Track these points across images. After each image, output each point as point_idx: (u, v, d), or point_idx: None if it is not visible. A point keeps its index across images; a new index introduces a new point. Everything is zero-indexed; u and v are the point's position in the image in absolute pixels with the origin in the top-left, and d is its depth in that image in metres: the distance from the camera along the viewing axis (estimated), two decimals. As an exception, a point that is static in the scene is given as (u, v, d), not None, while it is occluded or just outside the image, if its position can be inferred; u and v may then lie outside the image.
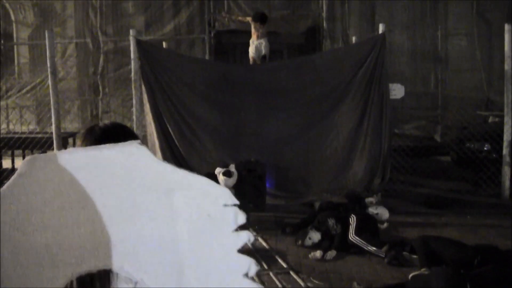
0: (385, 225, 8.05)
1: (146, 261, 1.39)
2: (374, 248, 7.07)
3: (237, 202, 1.39)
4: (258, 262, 6.72)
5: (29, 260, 1.31)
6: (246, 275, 1.41)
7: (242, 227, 1.45)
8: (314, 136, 9.67)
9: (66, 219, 1.34)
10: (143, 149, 1.38)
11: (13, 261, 1.30)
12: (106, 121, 2.55)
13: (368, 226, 7.47)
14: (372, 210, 8.06)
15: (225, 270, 1.41)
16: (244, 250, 1.36)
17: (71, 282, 1.40)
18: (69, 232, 1.34)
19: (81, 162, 1.35)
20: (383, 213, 8.06)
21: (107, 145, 1.41)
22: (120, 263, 1.38)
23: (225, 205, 1.37)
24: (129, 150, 1.39)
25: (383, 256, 6.90)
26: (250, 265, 1.41)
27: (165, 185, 1.39)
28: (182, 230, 1.39)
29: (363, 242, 7.18)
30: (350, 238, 7.28)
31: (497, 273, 5.51)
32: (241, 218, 1.39)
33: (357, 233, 7.28)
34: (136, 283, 1.41)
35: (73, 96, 15.19)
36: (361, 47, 10.06)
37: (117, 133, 2.03)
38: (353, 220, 7.42)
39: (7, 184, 1.32)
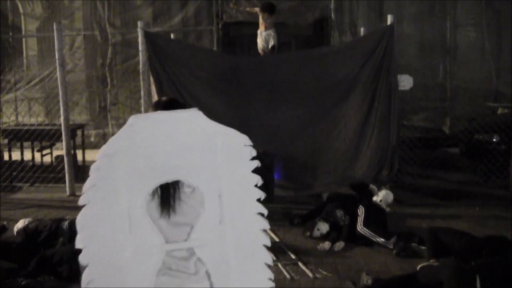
0: (388, 209, 7.96)
1: (199, 173, 2.77)
2: (382, 240, 7.07)
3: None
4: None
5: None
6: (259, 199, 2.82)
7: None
8: (322, 128, 9.65)
9: (157, 149, 2.72)
10: (196, 112, 2.83)
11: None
12: (164, 98, 3.27)
13: (376, 218, 7.47)
14: (375, 198, 7.97)
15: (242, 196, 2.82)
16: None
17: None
18: (160, 158, 2.72)
19: (160, 118, 2.78)
20: (386, 197, 7.95)
21: (173, 110, 2.88)
22: (185, 177, 2.77)
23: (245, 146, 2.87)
24: (188, 114, 2.85)
25: (392, 247, 6.90)
26: (258, 180, 2.82)
27: (209, 135, 2.79)
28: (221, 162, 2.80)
29: (371, 233, 7.19)
30: (358, 229, 7.28)
31: (506, 264, 5.50)
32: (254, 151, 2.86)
33: (365, 224, 7.28)
34: (194, 188, 2.79)
35: (81, 88, 15.19)
36: (369, 38, 10.01)
37: (175, 104, 3.12)
38: (361, 211, 7.42)
39: (122, 129, 2.71)
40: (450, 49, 15.13)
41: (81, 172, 11.08)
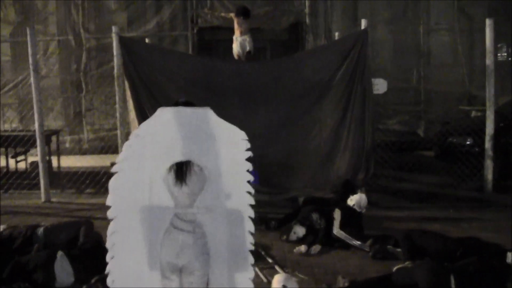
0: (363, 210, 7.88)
1: (206, 156, 3.69)
2: (358, 242, 7.11)
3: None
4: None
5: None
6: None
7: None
8: (297, 132, 9.67)
9: (176, 135, 3.70)
10: (208, 110, 3.77)
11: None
12: (182, 99, 3.99)
13: (352, 221, 7.50)
14: (349, 202, 7.93)
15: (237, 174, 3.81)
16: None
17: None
18: (177, 142, 3.70)
19: (180, 111, 3.75)
20: (359, 201, 7.91)
21: (191, 107, 3.80)
22: (195, 158, 3.70)
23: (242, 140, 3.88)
24: (201, 110, 3.78)
25: (368, 250, 6.95)
26: (249, 166, 3.91)
27: (216, 127, 3.79)
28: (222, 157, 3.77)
29: (347, 236, 7.23)
30: (334, 232, 7.31)
31: (479, 265, 5.58)
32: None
33: (341, 227, 7.32)
34: (201, 167, 3.72)
35: (56, 94, 15.09)
36: (343, 42, 10.05)
37: (191, 104, 3.90)
38: (337, 214, 7.46)
39: (152, 117, 3.74)
40: (424, 53, 15.29)
41: (56, 178, 11.02)
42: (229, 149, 3.78)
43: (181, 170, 3.74)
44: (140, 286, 3.69)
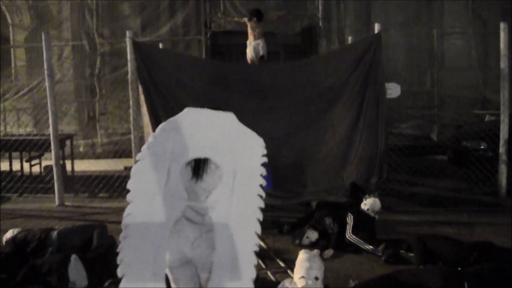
0: (376, 217, 7.84)
1: (223, 156, 3.91)
2: (371, 247, 7.09)
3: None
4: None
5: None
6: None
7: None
8: (310, 136, 9.67)
9: (197, 133, 3.96)
10: (231, 114, 4.08)
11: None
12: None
13: (365, 225, 7.48)
14: (362, 206, 7.94)
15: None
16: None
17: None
18: (199, 139, 3.94)
19: (204, 112, 4.10)
20: (373, 205, 7.91)
21: (215, 110, 4.10)
22: (212, 156, 3.92)
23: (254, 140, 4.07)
24: (224, 113, 4.09)
25: (380, 254, 6.92)
26: (263, 171, 4.01)
27: (236, 131, 4.03)
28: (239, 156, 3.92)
29: (360, 241, 7.21)
30: (347, 237, 7.30)
31: (493, 270, 5.54)
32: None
33: (354, 232, 7.30)
34: (217, 166, 3.92)
35: (70, 98, 15.19)
36: (356, 46, 10.04)
37: (216, 108, 4.15)
38: (350, 219, 7.44)
39: (178, 115, 4.03)
40: (437, 56, 15.23)
41: (70, 182, 11.08)
42: (246, 152, 3.95)
43: (199, 166, 3.98)
44: (146, 269, 3.78)
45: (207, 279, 3.90)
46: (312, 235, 7.49)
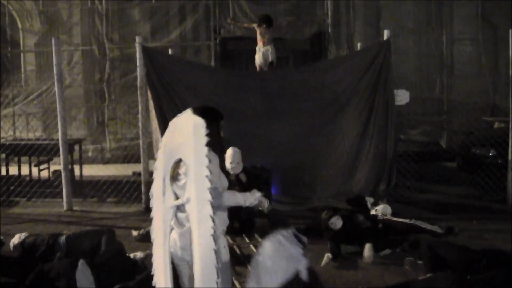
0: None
1: (185, 151, 4.07)
2: (430, 225, 7.26)
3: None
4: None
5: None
6: None
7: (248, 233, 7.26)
8: (319, 142, 9.67)
9: (177, 136, 4.22)
10: (188, 110, 4.23)
11: None
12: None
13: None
14: (373, 212, 7.93)
15: None
16: (251, 256, 2.78)
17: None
18: (176, 142, 4.20)
19: (180, 116, 4.28)
20: (385, 210, 7.90)
21: (187, 112, 4.23)
22: (182, 155, 4.11)
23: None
24: (187, 113, 4.21)
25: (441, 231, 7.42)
26: (207, 151, 3.98)
27: (189, 124, 4.09)
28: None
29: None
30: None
31: (503, 278, 5.50)
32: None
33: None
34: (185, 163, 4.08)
35: (79, 103, 15.23)
36: (366, 53, 10.04)
37: (207, 109, 4.47)
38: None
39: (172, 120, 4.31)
40: (447, 62, 15.18)
41: (78, 187, 11.09)
42: (194, 138, 4.03)
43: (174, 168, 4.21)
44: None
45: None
46: (337, 222, 7.44)
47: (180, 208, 4.16)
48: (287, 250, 4.54)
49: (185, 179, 4.09)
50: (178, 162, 4.16)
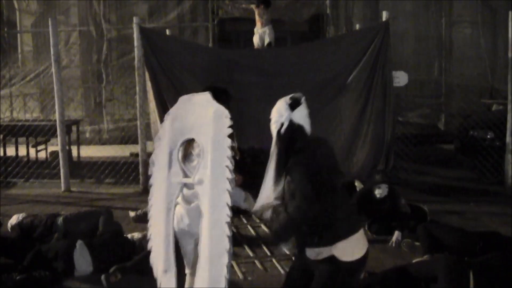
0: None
1: (200, 133, 4.18)
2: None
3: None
4: (261, 248, 6.78)
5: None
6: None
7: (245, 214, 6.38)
8: (317, 123, 9.46)
9: (186, 117, 4.32)
10: (207, 94, 4.32)
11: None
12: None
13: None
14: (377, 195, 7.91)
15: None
16: (248, 237, 2.82)
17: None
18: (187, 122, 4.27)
19: (189, 98, 4.43)
20: (382, 192, 7.86)
21: (199, 94, 4.43)
22: (195, 135, 4.21)
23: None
24: (202, 95, 4.35)
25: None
26: (229, 142, 4.09)
27: (208, 108, 4.20)
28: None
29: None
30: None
31: (499, 260, 5.51)
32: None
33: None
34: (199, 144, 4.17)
35: (77, 84, 15.17)
36: (364, 34, 9.97)
37: (218, 88, 4.78)
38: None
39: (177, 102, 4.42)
40: (446, 45, 15.15)
41: (76, 167, 11.09)
42: (215, 126, 4.11)
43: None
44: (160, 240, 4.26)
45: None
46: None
47: (187, 184, 4.24)
48: None
49: (197, 160, 4.17)
50: (190, 142, 4.27)
